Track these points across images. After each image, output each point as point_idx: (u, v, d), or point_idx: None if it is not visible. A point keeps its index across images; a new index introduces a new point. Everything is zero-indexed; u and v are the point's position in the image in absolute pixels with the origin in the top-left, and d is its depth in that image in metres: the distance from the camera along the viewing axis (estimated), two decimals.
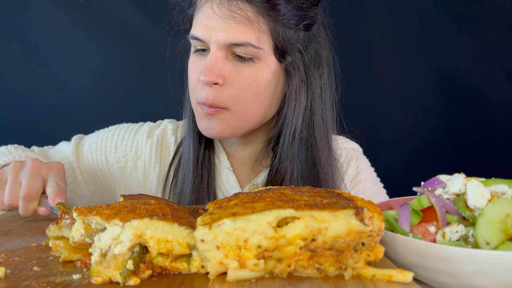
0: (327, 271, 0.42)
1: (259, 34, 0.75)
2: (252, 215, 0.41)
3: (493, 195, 0.50)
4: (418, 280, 0.48)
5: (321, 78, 0.85)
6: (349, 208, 0.41)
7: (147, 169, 0.95)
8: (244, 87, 0.78)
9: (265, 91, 0.80)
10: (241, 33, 0.74)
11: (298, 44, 0.80)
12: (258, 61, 0.78)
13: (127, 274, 0.40)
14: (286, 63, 0.80)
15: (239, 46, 0.75)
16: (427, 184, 0.56)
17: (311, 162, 0.85)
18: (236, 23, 0.74)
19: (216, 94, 0.77)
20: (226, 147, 0.94)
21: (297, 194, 0.47)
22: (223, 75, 0.77)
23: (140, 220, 0.42)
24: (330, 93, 0.88)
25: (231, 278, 0.41)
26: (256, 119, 0.83)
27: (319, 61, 0.84)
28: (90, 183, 0.95)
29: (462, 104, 1.57)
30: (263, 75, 0.79)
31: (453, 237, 0.49)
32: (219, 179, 0.92)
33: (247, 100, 0.79)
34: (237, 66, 0.77)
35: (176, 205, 0.53)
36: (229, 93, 0.78)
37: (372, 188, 0.97)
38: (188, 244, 0.43)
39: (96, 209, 0.46)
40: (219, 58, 0.76)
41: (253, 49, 0.76)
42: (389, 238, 0.48)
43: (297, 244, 0.41)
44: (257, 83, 0.78)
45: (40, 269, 0.44)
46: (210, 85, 0.77)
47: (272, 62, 0.79)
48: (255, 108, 0.81)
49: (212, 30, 0.75)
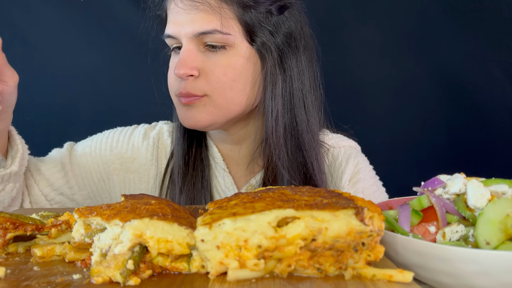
0: (327, 271, 0.42)
1: (222, 20, 0.77)
2: (252, 215, 0.41)
3: (493, 195, 0.50)
4: (418, 280, 0.48)
5: (297, 61, 0.85)
6: (349, 208, 0.41)
7: (143, 171, 0.94)
8: (220, 74, 0.79)
9: (242, 76, 0.80)
10: (206, 22, 0.76)
11: (268, 26, 0.81)
12: (230, 47, 0.79)
13: (127, 274, 0.40)
14: (257, 46, 0.81)
15: (206, 34, 0.77)
16: (427, 184, 0.56)
17: (296, 147, 0.85)
18: (199, 13, 0.76)
19: (192, 84, 0.78)
20: (220, 147, 0.93)
21: (297, 194, 0.47)
22: (197, 67, 0.78)
23: (140, 220, 0.42)
24: (311, 77, 0.88)
25: (231, 278, 0.41)
26: (238, 106, 0.82)
27: (294, 44, 0.85)
28: (83, 187, 0.94)
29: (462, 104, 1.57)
30: (237, 60, 0.80)
31: (453, 237, 0.49)
32: (215, 180, 0.91)
33: (224, 85, 0.79)
34: (209, 56, 0.79)
35: (177, 205, 0.53)
36: (205, 81, 0.79)
37: (371, 187, 0.96)
38: (188, 244, 0.43)
39: (96, 210, 0.46)
40: (191, 50, 0.78)
41: (221, 35, 0.77)
42: (389, 238, 0.48)
43: (297, 244, 0.41)
44: (231, 68, 0.79)
45: (40, 269, 0.44)
46: (186, 78, 0.78)
47: (245, 47, 0.80)
48: (234, 94, 0.81)
49: (180, 24, 0.78)
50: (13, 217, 0.50)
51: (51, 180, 0.91)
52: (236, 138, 0.91)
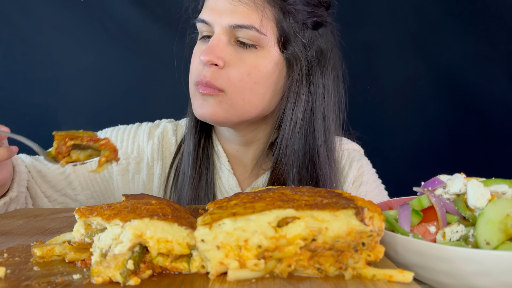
0: (327, 271, 0.42)
1: (262, 19, 0.76)
2: (252, 215, 0.41)
3: (493, 195, 0.50)
4: (418, 280, 0.48)
5: (324, 79, 0.84)
6: (349, 208, 0.41)
7: (149, 171, 0.94)
8: (244, 72, 0.77)
9: (265, 80, 0.79)
10: (245, 16, 0.75)
11: (302, 38, 0.80)
12: (261, 48, 0.78)
13: (127, 274, 0.40)
14: (287, 54, 0.80)
15: (242, 28, 0.75)
16: (427, 184, 0.56)
17: (310, 162, 0.84)
18: (241, 5, 0.75)
19: (214, 74, 0.77)
20: (226, 147, 0.93)
21: (297, 194, 0.47)
22: (224, 58, 0.77)
23: (140, 220, 0.42)
24: (335, 97, 0.87)
25: (231, 278, 0.41)
26: (254, 109, 0.81)
27: (324, 62, 0.84)
28: (86, 187, 0.93)
29: (462, 104, 1.57)
30: (264, 63, 0.78)
31: (453, 237, 0.49)
32: (219, 181, 0.91)
33: (245, 85, 0.78)
34: (238, 51, 0.78)
35: (177, 205, 0.53)
36: (228, 75, 0.77)
37: (373, 190, 0.96)
38: (188, 244, 0.43)
39: (97, 210, 0.46)
40: (222, 40, 0.77)
41: (256, 33, 0.76)
42: (389, 238, 0.48)
43: (298, 244, 0.41)
44: (257, 70, 0.78)
45: (40, 269, 0.44)
46: (209, 66, 0.77)
47: (275, 52, 0.79)
48: (253, 96, 0.79)
49: (218, 13, 0.76)
50: (69, 133, 0.60)
51: (53, 182, 0.90)
52: (245, 140, 0.90)
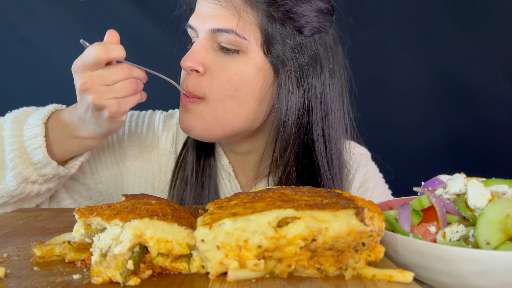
0: (327, 271, 0.42)
1: (244, 23, 0.74)
2: (252, 215, 0.41)
3: (494, 195, 0.50)
4: (419, 280, 0.48)
5: (322, 85, 0.81)
6: (350, 208, 0.41)
7: (162, 162, 0.91)
8: (224, 78, 0.75)
9: (247, 87, 0.76)
10: (225, 20, 0.74)
11: (290, 42, 0.77)
12: (243, 54, 0.75)
13: (127, 274, 0.40)
14: (271, 58, 0.76)
15: (222, 33, 0.74)
16: (427, 184, 0.56)
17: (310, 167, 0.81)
18: (222, 9, 0.74)
19: (194, 82, 0.76)
20: (228, 154, 0.91)
21: (297, 194, 0.47)
22: (204, 64, 0.75)
23: (140, 220, 0.42)
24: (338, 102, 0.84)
25: (231, 278, 0.41)
26: (237, 119, 0.77)
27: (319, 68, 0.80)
28: (96, 171, 0.90)
29: (462, 104, 1.57)
30: (246, 69, 0.75)
31: (454, 237, 0.49)
32: (222, 183, 0.91)
33: (225, 92, 0.75)
34: (220, 57, 0.76)
35: (177, 205, 0.53)
36: (208, 81, 0.76)
37: (380, 196, 0.94)
38: (188, 244, 0.43)
39: (97, 210, 0.46)
40: (204, 46, 0.76)
41: (237, 38, 0.74)
42: (389, 238, 0.48)
43: (298, 244, 0.41)
44: (238, 76, 0.75)
45: (40, 269, 0.44)
46: (190, 72, 0.76)
47: (258, 58, 0.76)
48: (235, 104, 0.76)
49: (202, 17, 0.76)
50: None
51: None
52: (242, 151, 0.88)
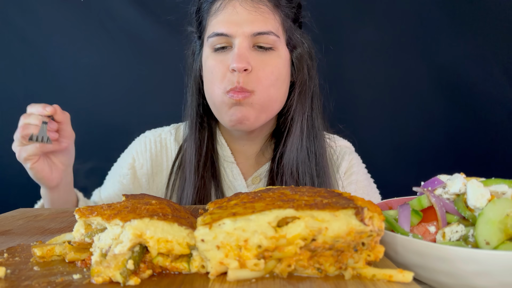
0: (327, 271, 0.42)
1: (277, 24, 0.87)
2: (252, 215, 0.41)
3: (493, 195, 0.50)
4: (418, 280, 0.48)
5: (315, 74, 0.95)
6: (349, 208, 0.41)
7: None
8: (268, 71, 0.86)
9: (282, 75, 0.89)
10: (264, 23, 0.85)
11: (298, 36, 0.91)
12: (276, 49, 0.88)
13: (127, 274, 0.40)
14: (296, 53, 0.92)
15: (262, 35, 0.85)
16: (427, 184, 0.56)
17: (312, 153, 0.93)
18: (260, 15, 0.85)
19: (245, 79, 0.84)
20: (233, 144, 0.99)
21: (297, 194, 0.47)
22: (251, 62, 0.85)
23: (140, 220, 0.43)
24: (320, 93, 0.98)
25: (231, 278, 0.41)
26: (277, 104, 0.90)
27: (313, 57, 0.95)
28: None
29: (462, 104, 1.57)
30: (280, 61, 0.88)
31: (453, 237, 0.49)
32: (223, 170, 0.97)
33: (269, 82, 0.87)
34: (260, 55, 0.86)
35: (178, 205, 0.53)
36: (256, 76, 0.85)
37: (363, 181, 1.03)
38: (188, 244, 0.43)
39: (97, 210, 0.46)
40: (246, 48, 0.85)
41: (273, 37, 0.86)
42: (389, 238, 0.48)
43: (297, 244, 0.41)
44: (277, 68, 0.87)
45: (40, 269, 0.44)
46: (241, 71, 0.83)
47: (285, 51, 0.90)
48: (276, 92, 0.88)
49: (238, 24, 0.84)
50: None
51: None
52: (253, 136, 0.97)
